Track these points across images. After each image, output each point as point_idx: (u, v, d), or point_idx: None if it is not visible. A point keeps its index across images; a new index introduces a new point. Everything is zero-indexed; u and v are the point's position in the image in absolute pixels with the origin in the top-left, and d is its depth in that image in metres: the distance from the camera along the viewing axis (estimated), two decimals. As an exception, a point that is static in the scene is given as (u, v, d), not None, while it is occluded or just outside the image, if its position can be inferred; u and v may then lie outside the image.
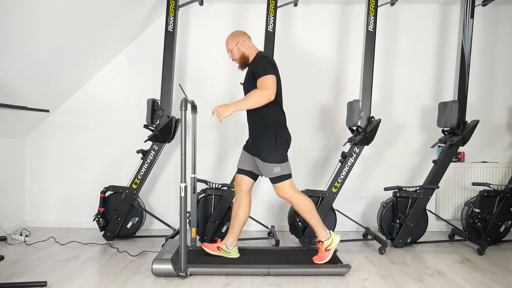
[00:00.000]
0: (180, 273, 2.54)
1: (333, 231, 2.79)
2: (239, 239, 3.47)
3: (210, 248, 2.84)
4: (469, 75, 3.32)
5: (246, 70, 2.82)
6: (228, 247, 2.81)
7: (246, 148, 2.83)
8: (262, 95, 2.51)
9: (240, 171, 2.83)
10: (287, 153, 2.73)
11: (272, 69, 2.60)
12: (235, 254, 2.83)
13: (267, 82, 2.52)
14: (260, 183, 3.67)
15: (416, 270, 2.77)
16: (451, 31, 3.88)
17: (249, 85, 2.65)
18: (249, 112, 2.72)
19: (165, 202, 3.93)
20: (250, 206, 2.85)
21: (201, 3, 3.79)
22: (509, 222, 3.38)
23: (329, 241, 2.70)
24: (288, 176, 2.68)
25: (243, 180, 2.81)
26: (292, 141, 2.76)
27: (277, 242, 3.30)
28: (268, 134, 2.64)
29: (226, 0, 3.86)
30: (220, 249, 2.81)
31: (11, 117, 3.39)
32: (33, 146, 3.92)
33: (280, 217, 3.90)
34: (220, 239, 2.90)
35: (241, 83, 2.81)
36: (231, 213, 2.88)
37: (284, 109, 2.76)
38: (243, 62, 2.76)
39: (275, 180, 2.66)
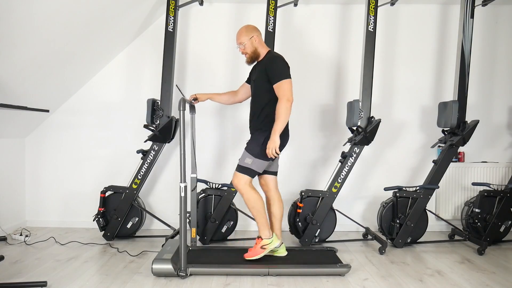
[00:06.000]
0: (180, 273, 2.54)
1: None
2: (241, 239, 3.48)
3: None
4: (469, 75, 3.32)
5: (251, 65, 2.86)
6: (269, 238, 2.76)
7: None
8: (287, 105, 2.60)
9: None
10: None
11: (288, 72, 2.69)
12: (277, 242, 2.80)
13: (285, 88, 2.63)
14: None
15: (416, 270, 2.77)
16: (451, 31, 3.88)
17: (262, 83, 2.71)
18: (251, 111, 2.77)
19: (165, 202, 3.92)
20: (282, 201, 2.91)
21: (201, 3, 3.79)
22: (509, 222, 3.38)
23: (268, 241, 2.73)
24: (253, 174, 2.71)
25: (267, 179, 2.87)
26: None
27: (277, 242, 3.30)
28: (260, 130, 2.71)
29: (226, 0, 3.86)
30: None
31: (11, 117, 3.39)
32: (33, 146, 3.92)
33: (280, 217, 3.89)
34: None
35: (253, 80, 2.81)
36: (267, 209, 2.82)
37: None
38: (254, 58, 2.81)
39: (240, 168, 2.72)
